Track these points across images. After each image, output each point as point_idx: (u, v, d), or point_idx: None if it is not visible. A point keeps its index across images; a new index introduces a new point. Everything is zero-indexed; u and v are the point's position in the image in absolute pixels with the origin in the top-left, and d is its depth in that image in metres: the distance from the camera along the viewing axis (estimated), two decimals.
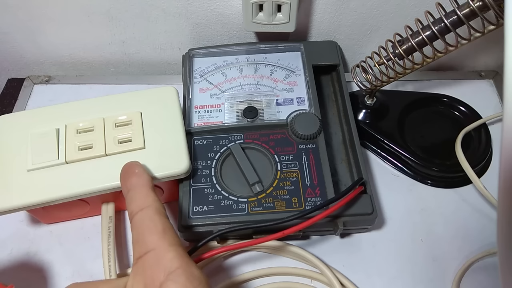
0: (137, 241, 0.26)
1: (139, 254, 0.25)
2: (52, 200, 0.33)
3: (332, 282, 0.34)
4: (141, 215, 0.26)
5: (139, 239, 0.26)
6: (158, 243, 0.25)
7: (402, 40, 0.37)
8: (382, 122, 0.44)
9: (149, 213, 0.26)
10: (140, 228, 0.26)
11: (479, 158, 0.42)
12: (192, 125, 0.40)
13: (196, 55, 0.46)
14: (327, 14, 0.46)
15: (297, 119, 0.39)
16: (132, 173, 0.30)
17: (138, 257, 0.25)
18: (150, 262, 0.24)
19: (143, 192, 0.28)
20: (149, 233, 0.25)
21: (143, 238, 0.25)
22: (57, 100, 0.48)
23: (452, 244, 0.38)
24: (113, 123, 0.36)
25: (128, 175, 0.30)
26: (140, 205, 0.27)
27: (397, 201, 0.41)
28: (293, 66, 0.44)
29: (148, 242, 0.25)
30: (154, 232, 0.25)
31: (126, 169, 0.30)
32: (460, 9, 0.32)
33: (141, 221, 0.26)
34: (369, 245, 0.38)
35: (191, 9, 0.45)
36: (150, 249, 0.25)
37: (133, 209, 0.27)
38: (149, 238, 0.25)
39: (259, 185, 0.36)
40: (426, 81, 0.50)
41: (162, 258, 0.24)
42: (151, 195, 0.28)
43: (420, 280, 0.36)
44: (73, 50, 0.51)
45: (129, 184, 0.29)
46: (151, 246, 0.25)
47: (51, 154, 0.34)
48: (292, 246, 0.36)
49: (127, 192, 0.29)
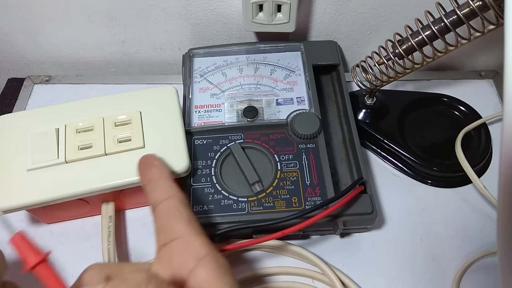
0: (161, 229, 0.26)
1: (164, 242, 0.25)
2: (52, 199, 0.33)
3: (333, 282, 0.34)
4: (166, 204, 0.27)
5: (164, 227, 0.26)
6: (185, 231, 0.25)
7: (402, 40, 0.37)
8: (382, 121, 0.44)
9: (174, 202, 0.27)
10: (165, 217, 0.26)
11: (479, 157, 0.42)
12: (192, 124, 0.40)
13: (196, 55, 0.46)
14: (327, 14, 0.46)
15: (297, 118, 0.39)
16: (152, 165, 0.30)
17: (163, 244, 0.25)
18: (177, 248, 0.24)
19: (167, 182, 0.28)
20: (175, 221, 0.26)
21: (169, 226, 0.25)
22: (57, 100, 0.48)
23: (452, 243, 0.38)
24: (113, 123, 0.36)
25: (148, 166, 0.30)
26: (164, 194, 0.27)
27: (397, 200, 0.41)
28: (293, 66, 0.44)
29: (174, 229, 0.25)
30: (180, 220, 0.26)
31: (144, 161, 0.31)
32: (460, 8, 0.32)
33: (167, 210, 0.26)
34: (369, 244, 0.38)
35: (191, 9, 0.45)
36: (177, 237, 0.25)
37: (157, 198, 0.27)
38: (176, 226, 0.25)
39: (259, 184, 0.36)
40: (426, 81, 0.50)
41: (190, 245, 0.24)
42: (174, 186, 0.28)
43: (420, 280, 0.36)
44: (73, 50, 0.51)
45: (150, 175, 0.29)
46: (178, 233, 0.25)
47: (51, 154, 0.34)
48: (294, 246, 0.36)
49: (147, 183, 0.29)
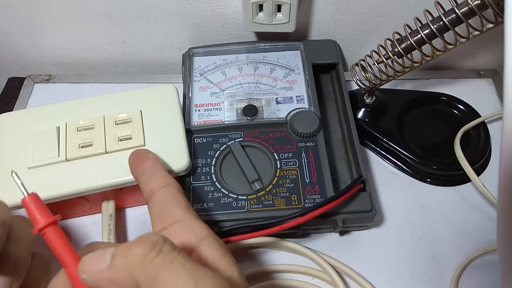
0: (159, 215, 0.26)
1: (164, 226, 0.25)
2: (52, 197, 0.33)
3: (334, 281, 0.35)
4: (164, 191, 0.27)
5: (163, 212, 0.26)
6: (185, 215, 0.25)
7: (401, 39, 0.37)
8: (381, 120, 0.44)
9: (172, 190, 0.27)
10: (163, 203, 0.26)
11: (478, 156, 0.42)
12: (192, 123, 0.40)
13: (196, 54, 0.46)
14: (327, 14, 0.46)
15: (297, 117, 0.39)
16: (146, 157, 0.30)
17: (163, 228, 0.25)
18: (178, 230, 0.25)
19: (163, 172, 0.29)
20: (174, 207, 0.26)
21: (167, 211, 0.26)
22: (58, 99, 0.47)
23: (451, 241, 0.38)
24: (113, 121, 0.36)
25: (142, 158, 0.30)
26: (161, 183, 0.27)
27: (396, 199, 0.41)
28: (293, 65, 0.44)
29: (174, 214, 0.25)
30: (179, 206, 0.26)
31: (137, 154, 0.31)
32: (459, 7, 0.32)
33: (165, 197, 0.27)
34: (368, 242, 0.38)
35: (191, 9, 0.45)
36: (177, 220, 0.25)
37: (154, 186, 0.27)
38: (175, 211, 0.26)
39: (258, 182, 0.36)
40: (425, 80, 0.50)
41: (192, 226, 0.25)
42: (170, 176, 0.28)
43: (419, 278, 0.37)
44: (73, 50, 0.51)
45: (145, 166, 0.29)
46: (177, 217, 0.25)
47: (51, 152, 0.34)
48: (294, 244, 0.36)
49: (142, 174, 0.29)
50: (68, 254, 0.22)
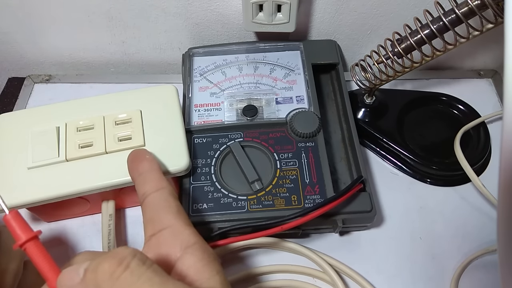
0: (150, 220, 0.26)
1: (153, 232, 0.25)
2: (52, 197, 0.33)
3: (334, 281, 0.35)
4: (155, 195, 0.27)
5: (153, 217, 0.26)
6: (174, 221, 0.25)
7: (401, 39, 0.37)
8: (381, 120, 0.44)
9: (164, 194, 0.27)
10: (155, 208, 0.26)
11: (478, 156, 0.42)
12: (192, 123, 0.40)
13: (196, 54, 0.46)
14: (327, 14, 0.46)
15: (297, 117, 0.39)
16: (143, 158, 0.30)
17: (152, 234, 0.25)
18: (165, 238, 0.25)
19: (157, 175, 0.29)
20: (165, 212, 0.26)
21: (158, 217, 0.26)
22: (58, 99, 0.47)
23: (451, 242, 0.38)
24: (113, 121, 0.36)
25: (139, 159, 0.30)
26: (154, 186, 0.27)
27: (396, 199, 0.41)
28: (293, 65, 0.44)
29: (164, 220, 0.25)
30: (169, 211, 0.26)
31: (135, 154, 0.31)
32: (459, 7, 0.32)
33: (156, 201, 0.27)
34: (368, 243, 0.38)
35: (191, 9, 0.45)
36: (166, 227, 0.25)
37: (147, 190, 0.27)
38: (165, 217, 0.26)
39: (258, 183, 0.36)
40: (425, 80, 0.50)
41: (179, 234, 0.25)
42: (164, 178, 0.28)
43: (419, 278, 0.37)
44: (73, 50, 0.51)
45: (141, 167, 0.29)
46: (167, 223, 0.25)
47: (51, 152, 0.34)
48: (294, 244, 0.36)
49: (138, 175, 0.29)
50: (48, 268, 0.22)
